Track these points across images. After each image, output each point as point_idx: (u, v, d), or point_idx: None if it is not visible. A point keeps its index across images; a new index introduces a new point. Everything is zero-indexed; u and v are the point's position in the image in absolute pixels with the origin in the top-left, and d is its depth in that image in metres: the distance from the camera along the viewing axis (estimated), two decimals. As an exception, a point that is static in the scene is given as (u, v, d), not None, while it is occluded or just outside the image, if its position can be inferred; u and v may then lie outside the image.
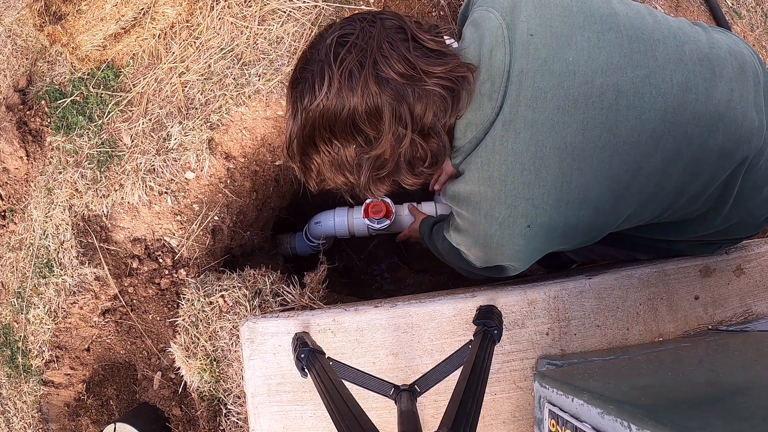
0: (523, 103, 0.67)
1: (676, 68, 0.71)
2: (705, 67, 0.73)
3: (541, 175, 0.68)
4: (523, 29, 0.68)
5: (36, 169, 1.46)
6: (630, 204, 0.75)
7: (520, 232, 0.72)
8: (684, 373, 0.68)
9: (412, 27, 0.69)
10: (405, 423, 0.58)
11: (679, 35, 0.75)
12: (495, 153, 0.69)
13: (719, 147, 0.74)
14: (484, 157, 0.71)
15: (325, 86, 0.66)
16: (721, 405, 0.52)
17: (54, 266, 1.37)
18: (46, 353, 1.40)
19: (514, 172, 0.68)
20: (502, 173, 0.69)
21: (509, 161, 0.68)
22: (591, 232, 0.77)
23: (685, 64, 0.72)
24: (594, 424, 0.57)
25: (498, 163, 0.69)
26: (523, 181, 0.68)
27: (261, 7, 1.30)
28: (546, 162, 0.67)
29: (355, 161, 0.71)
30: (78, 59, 1.37)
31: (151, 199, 1.31)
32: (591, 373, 0.72)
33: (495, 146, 0.69)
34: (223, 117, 1.29)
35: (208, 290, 1.13)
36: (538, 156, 0.67)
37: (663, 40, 0.72)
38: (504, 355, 0.90)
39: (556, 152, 0.67)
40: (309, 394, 0.91)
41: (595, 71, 0.67)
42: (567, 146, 0.67)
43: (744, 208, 0.85)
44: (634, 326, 0.92)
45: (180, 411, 1.27)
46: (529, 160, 0.67)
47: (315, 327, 0.92)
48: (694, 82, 0.72)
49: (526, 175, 0.68)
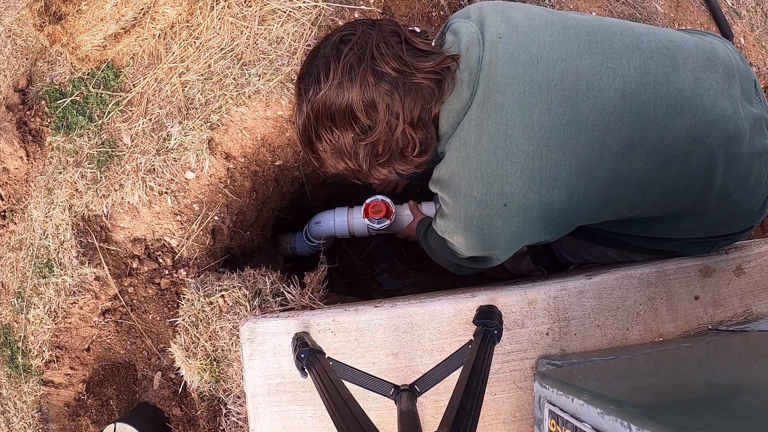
0: (493, 88, 0.74)
1: (632, 54, 0.78)
2: (665, 55, 0.79)
3: (513, 152, 0.74)
4: (492, 33, 0.78)
5: (36, 169, 1.46)
6: (602, 185, 0.78)
7: (497, 212, 0.77)
8: (684, 373, 0.68)
9: (406, 32, 0.79)
10: (405, 423, 0.58)
11: (637, 30, 0.82)
12: (471, 132, 0.76)
13: (687, 130, 0.79)
14: (462, 136, 0.77)
15: (330, 78, 0.75)
16: (721, 405, 0.52)
17: (54, 266, 1.37)
18: (46, 353, 1.40)
19: (487, 150, 0.75)
20: (477, 152, 0.76)
21: (483, 141, 0.75)
22: (567, 217, 0.80)
23: (643, 52, 0.79)
24: (594, 424, 0.57)
25: (474, 142, 0.76)
26: (497, 158, 0.75)
27: (261, 7, 1.30)
28: (516, 140, 0.74)
29: (353, 149, 0.79)
30: (78, 59, 1.37)
31: (151, 199, 1.31)
32: (591, 373, 0.72)
33: (471, 126, 0.76)
34: (223, 117, 1.29)
35: (208, 290, 1.13)
36: (508, 134, 0.74)
37: (620, 33, 0.80)
38: (504, 355, 0.90)
39: (524, 131, 0.74)
40: (309, 394, 0.91)
41: (556, 59, 0.75)
42: (534, 125, 0.74)
43: (731, 201, 0.86)
44: (634, 326, 0.92)
45: (180, 411, 1.27)
46: (501, 138, 0.74)
47: (315, 327, 0.92)
48: (652, 67, 0.78)
49: (499, 152, 0.74)
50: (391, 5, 1.31)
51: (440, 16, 1.33)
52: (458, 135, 0.78)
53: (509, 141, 0.74)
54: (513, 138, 0.74)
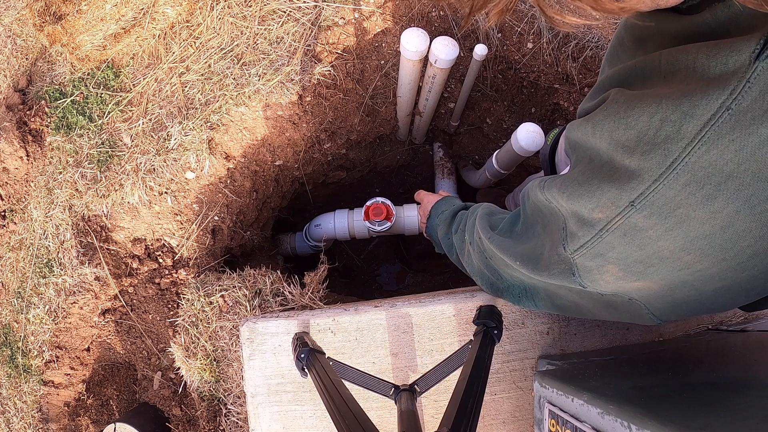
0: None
1: None
2: None
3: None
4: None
5: (36, 169, 1.46)
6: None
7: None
8: (684, 373, 0.68)
9: None
10: (405, 423, 0.58)
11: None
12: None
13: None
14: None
15: None
16: (721, 405, 0.52)
17: (54, 266, 1.37)
18: (46, 353, 1.40)
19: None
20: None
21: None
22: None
23: None
24: (594, 424, 0.57)
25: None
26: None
27: (261, 7, 1.30)
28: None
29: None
30: (78, 59, 1.37)
31: (151, 199, 1.31)
32: (591, 373, 0.72)
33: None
34: (223, 117, 1.29)
35: (208, 290, 1.13)
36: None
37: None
38: (504, 355, 0.90)
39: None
40: (309, 394, 0.91)
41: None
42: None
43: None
44: (634, 326, 0.92)
45: (180, 411, 1.27)
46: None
47: (315, 327, 0.92)
48: None
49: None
50: (390, 5, 1.31)
51: (440, 16, 1.33)
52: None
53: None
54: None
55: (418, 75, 1.29)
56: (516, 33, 1.34)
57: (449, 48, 1.17)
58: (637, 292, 0.50)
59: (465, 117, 1.64)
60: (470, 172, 1.73)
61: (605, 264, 0.47)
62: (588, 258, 0.48)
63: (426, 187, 1.86)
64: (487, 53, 1.21)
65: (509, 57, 1.40)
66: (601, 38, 1.29)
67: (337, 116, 1.42)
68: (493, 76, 1.48)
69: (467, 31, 1.35)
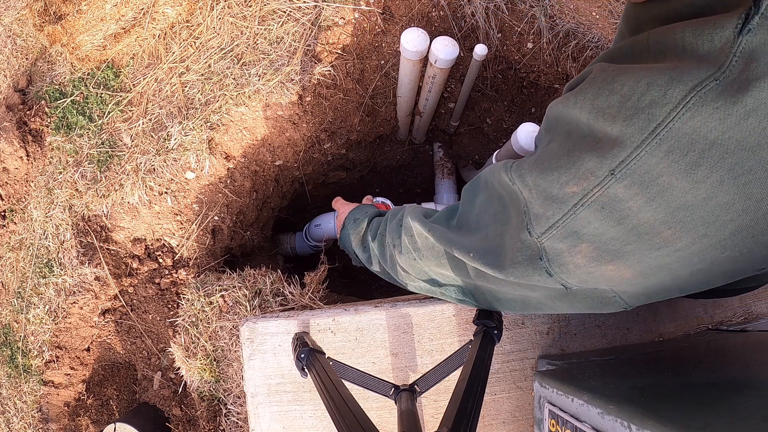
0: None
1: None
2: None
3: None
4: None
5: (36, 169, 1.46)
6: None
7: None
8: (684, 373, 0.68)
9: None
10: (405, 423, 0.58)
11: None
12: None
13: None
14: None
15: None
16: (721, 405, 0.52)
17: (54, 266, 1.37)
18: (46, 353, 1.40)
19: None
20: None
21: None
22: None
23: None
24: (594, 424, 0.57)
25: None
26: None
27: (261, 7, 1.30)
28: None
29: None
30: (78, 59, 1.37)
31: (151, 199, 1.31)
32: (591, 373, 0.72)
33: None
34: (223, 117, 1.29)
35: (208, 290, 1.13)
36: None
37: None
38: (504, 355, 0.90)
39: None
40: (309, 394, 0.91)
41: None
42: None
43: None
44: (634, 326, 0.92)
45: (180, 411, 1.27)
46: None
47: (315, 327, 0.92)
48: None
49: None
50: (390, 5, 1.31)
51: (440, 17, 1.33)
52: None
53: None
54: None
55: (418, 75, 1.29)
56: (516, 33, 1.34)
57: (449, 48, 1.17)
58: (607, 282, 0.47)
59: (465, 117, 1.64)
60: (470, 172, 1.73)
61: (578, 243, 0.45)
62: (558, 239, 0.46)
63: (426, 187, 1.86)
64: (487, 53, 1.21)
65: (509, 57, 1.40)
66: (601, 38, 1.29)
67: (337, 116, 1.42)
68: (493, 76, 1.48)
69: (467, 31, 1.35)
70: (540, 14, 1.30)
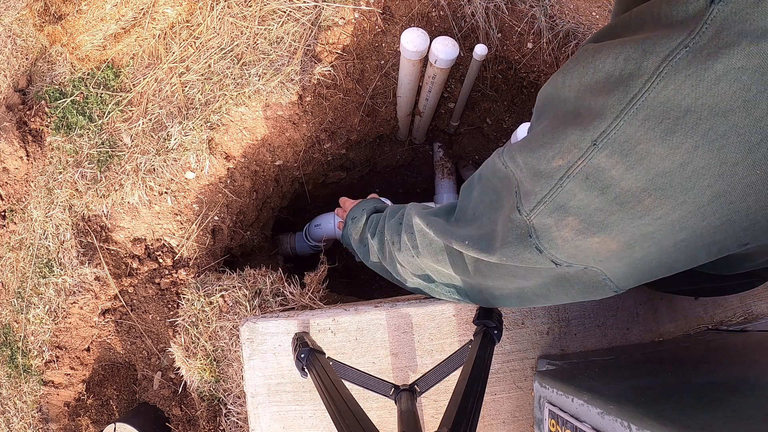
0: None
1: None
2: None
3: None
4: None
5: (36, 169, 1.46)
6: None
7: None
8: (684, 373, 0.68)
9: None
10: (405, 423, 0.58)
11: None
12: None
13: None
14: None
15: None
16: (721, 405, 0.52)
17: (54, 266, 1.37)
18: (46, 353, 1.40)
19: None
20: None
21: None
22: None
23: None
24: (594, 424, 0.57)
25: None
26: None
27: (261, 7, 1.30)
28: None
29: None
30: (78, 59, 1.37)
31: (151, 199, 1.31)
32: (591, 373, 0.72)
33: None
34: (223, 117, 1.29)
35: (208, 290, 1.13)
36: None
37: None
38: (504, 355, 0.90)
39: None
40: (309, 394, 0.91)
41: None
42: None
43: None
44: (634, 326, 0.92)
45: (180, 411, 1.27)
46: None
47: (315, 327, 0.92)
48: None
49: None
50: (390, 5, 1.31)
51: (440, 17, 1.33)
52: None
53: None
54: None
55: (418, 75, 1.29)
56: (516, 33, 1.34)
57: (449, 48, 1.17)
58: (595, 256, 0.48)
59: (465, 117, 1.64)
60: (470, 172, 1.73)
61: (565, 216, 0.46)
62: (546, 214, 0.47)
63: (426, 187, 1.86)
64: (487, 53, 1.21)
65: (509, 57, 1.40)
66: (601, 38, 1.29)
67: (337, 116, 1.42)
68: (493, 76, 1.48)
69: (467, 31, 1.35)
70: (540, 14, 1.30)
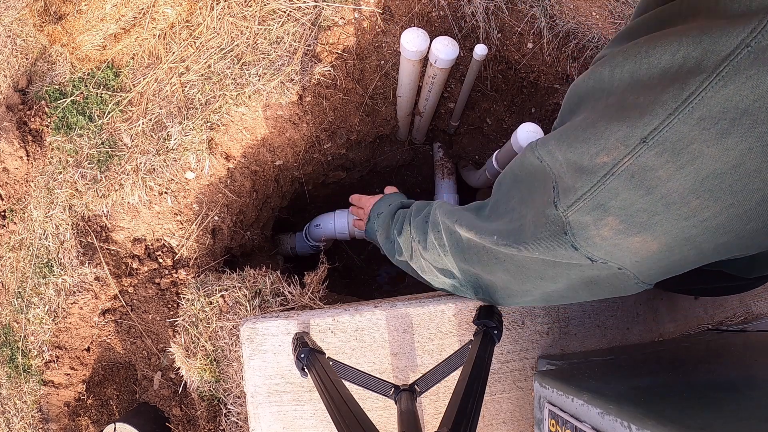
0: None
1: None
2: None
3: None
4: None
5: (36, 169, 1.46)
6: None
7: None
8: (684, 373, 0.68)
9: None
10: (405, 423, 0.58)
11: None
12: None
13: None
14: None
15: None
16: (721, 405, 0.52)
17: (54, 266, 1.37)
18: (46, 353, 1.40)
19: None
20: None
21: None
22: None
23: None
24: (594, 424, 0.57)
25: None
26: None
27: (261, 7, 1.30)
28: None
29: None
30: (78, 59, 1.37)
31: (151, 199, 1.31)
32: (591, 373, 0.72)
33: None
34: (223, 117, 1.29)
35: (208, 290, 1.13)
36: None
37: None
38: (504, 355, 0.90)
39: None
40: (309, 394, 0.91)
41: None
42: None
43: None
44: (634, 326, 0.92)
45: (180, 411, 1.27)
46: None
47: (315, 327, 0.92)
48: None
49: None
50: (390, 5, 1.31)
51: (440, 17, 1.33)
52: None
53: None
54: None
55: (418, 75, 1.29)
56: (516, 33, 1.34)
57: (449, 48, 1.17)
58: (632, 256, 0.47)
59: (465, 117, 1.64)
60: (470, 172, 1.73)
61: (605, 216, 0.45)
62: (585, 212, 0.46)
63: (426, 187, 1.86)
64: (487, 53, 1.21)
65: (509, 57, 1.40)
66: (601, 38, 1.29)
67: (337, 116, 1.42)
68: (493, 76, 1.48)
69: (467, 31, 1.35)
70: (540, 14, 1.30)
